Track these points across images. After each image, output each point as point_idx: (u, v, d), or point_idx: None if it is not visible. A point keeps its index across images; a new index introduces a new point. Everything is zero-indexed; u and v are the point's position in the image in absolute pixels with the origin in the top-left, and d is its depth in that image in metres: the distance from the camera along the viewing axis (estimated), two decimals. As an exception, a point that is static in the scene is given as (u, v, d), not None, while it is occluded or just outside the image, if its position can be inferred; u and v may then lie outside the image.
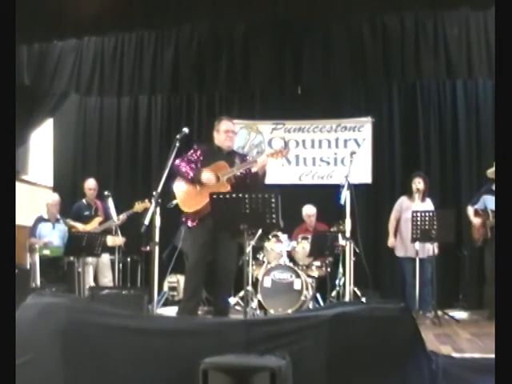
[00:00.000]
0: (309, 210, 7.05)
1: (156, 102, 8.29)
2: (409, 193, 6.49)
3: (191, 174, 4.63)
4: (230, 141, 4.83)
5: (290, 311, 5.84)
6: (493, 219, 5.84)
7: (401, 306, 2.90)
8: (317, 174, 7.92)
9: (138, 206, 6.43)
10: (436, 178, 7.36)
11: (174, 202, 5.03)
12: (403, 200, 6.56)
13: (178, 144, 4.48)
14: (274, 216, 3.96)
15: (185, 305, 4.69)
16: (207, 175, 4.58)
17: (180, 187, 4.72)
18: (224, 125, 4.82)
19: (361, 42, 6.89)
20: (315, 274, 6.57)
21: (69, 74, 7.37)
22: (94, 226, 6.72)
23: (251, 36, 7.12)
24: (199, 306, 5.18)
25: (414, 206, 6.28)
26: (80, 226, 6.69)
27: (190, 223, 4.65)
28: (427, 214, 5.71)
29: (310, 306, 6.12)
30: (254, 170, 4.63)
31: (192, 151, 4.79)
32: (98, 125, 8.40)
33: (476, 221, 6.14)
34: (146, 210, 6.07)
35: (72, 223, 6.79)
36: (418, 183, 6.40)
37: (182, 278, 6.27)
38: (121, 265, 6.74)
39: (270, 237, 6.57)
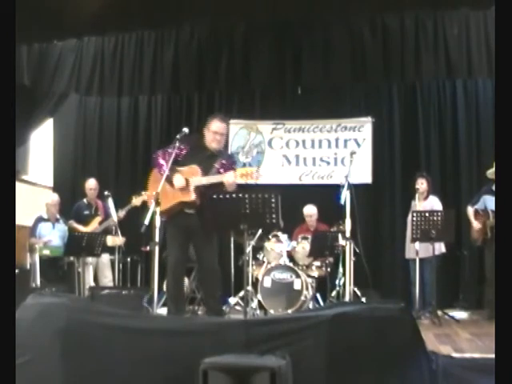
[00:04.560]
0: (310, 210, 7.04)
1: (156, 102, 8.29)
2: (413, 194, 6.50)
3: (165, 173, 4.53)
4: (216, 143, 4.70)
5: (289, 311, 5.84)
6: (493, 219, 5.85)
7: (401, 306, 2.90)
8: (317, 174, 7.92)
9: (136, 200, 6.40)
10: (436, 178, 7.35)
11: (147, 193, 5.03)
12: (412, 203, 6.56)
13: (177, 144, 4.48)
14: (273, 216, 3.95)
15: (169, 305, 4.73)
16: (178, 179, 4.49)
17: (154, 181, 4.70)
18: (214, 125, 4.69)
19: (361, 42, 6.89)
20: (315, 274, 6.57)
21: (69, 74, 7.38)
22: (94, 226, 6.73)
23: (251, 36, 7.13)
24: (184, 305, 5.19)
25: (418, 206, 6.28)
26: (82, 229, 6.67)
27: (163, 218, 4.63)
28: (427, 214, 5.71)
29: (310, 306, 6.11)
30: (226, 179, 4.43)
31: (177, 145, 4.63)
32: (98, 125, 8.39)
33: (476, 221, 6.14)
34: (144, 202, 6.07)
35: (74, 225, 6.78)
36: (421, 184, 6.42)
37: (182, 278, 6.26)
38: (121, 265, 6.75)
39: (270, 237, 6.56)
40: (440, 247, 6.31)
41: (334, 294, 6.40)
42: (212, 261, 4.71)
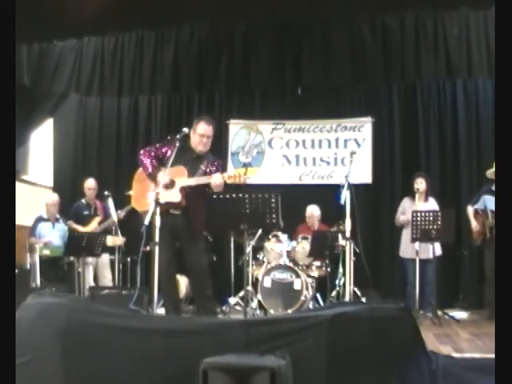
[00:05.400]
0: (314, 211, 7.04)
1: (156, 102, 8.28)
2: (411, 194, 6.50)
3: (150, 170, 4.59)
4: (202, 146, 4.70)
5: (289, 311, 5.84)
6: (492, 219, 5.85)
7: (401, 305, 2.90)
8: (317, 174, 7.92)
9: None
10: (436, 178, 7.36)
11: (131, 192, 5.05)
12: (406, 201, 6.57)
13: (178, 144, 4.48)
14: (273, 216, 3.96)
15: (166, 306, 4.76)
16: (163, 176, 4.44)
17: (138, 181, 4.72)
18: (201, 127, 4.67)
19: (361, 41, 6.89)
20: (315, 274, 6.57)
21: (69, 74, 7.38)
22: (93, 226, 6.73)
23: (251, 36, 7.13)
24: (180, 303, 5.21)
25: (417, 206, 6.28)
26: (81, 229, 6.66)
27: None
28: (427, 213, 5.71)
29: (310, 306, 6.11)
30: (213, 180, 4.43)
31: (161, 145, 4.70)
32: (98, 125, 8.39)
33: (476, 221, 6.14)
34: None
35: (74, 226, 6.78)
36: (420, 183, 6.41)
37: (181, 278, 6.27)
38: (121, 265, 6.74)
39: (270, 237, 6.56)
40: (437, 249, 6.28)
41: (334, 294, 6.40)
42: (199, 261, 4.72)
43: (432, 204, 6.45)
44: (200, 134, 4.67)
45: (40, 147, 8.55)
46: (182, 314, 5.28)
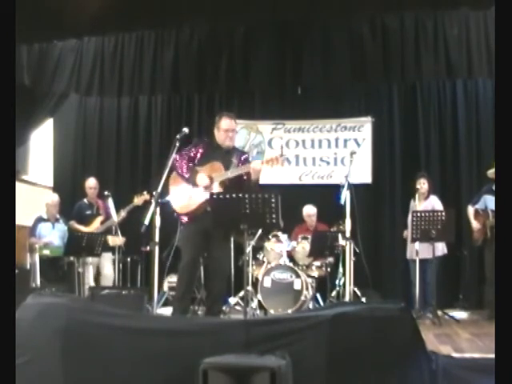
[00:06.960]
0: (309, 210, 7.05)
1: (156, 102, 8.28)
2: (412, 194, 6.51)
3: (187, 175, 4.62)
4: (229, 140, 4.74)
5: (289, 311, 5.84)
6: (493, 219, 5.84)
7: (401, 306, 2.90)
8: (317, 174, 7.92)
9: (138, 200, 6.43)
10: (436, 178, 7.36)
11: (168, 198, 5.04)
12: (411, 203, 6.56)
13: (178, 144, 4.48)
14: (274, 216, 3.96)
15: (175, 304, 4.74)
16: (201, 178, 4.54)
17: (175, 185, 4.73)
18: (224, 123, 4.72)
19: (361, 41, 6.90)
20: (315, 274, 6.57)
21: (69, 74, 7.40)
22: (96, 225, 6.72)
23: (251, 36, 7.14)
24: (190, 305, 5.20)
25: (417, 206, 6.28)
26: (84, 229, 6.65)
27: (184, 219, 4.68)
28: (427, 214, 5.71)
29: (310, 306, 6.12)
30: (253, 165, 4.50)
31: (191, 147, 4.74)
32: (98, 125, 8.38)
33: (476, 221, 6.14)
34: (145, 202, 6.10)
35: (76, 226, 6.77)
36: (423, 184, 6.42)
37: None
38: (121, 265, 6.74)
39: (270, 237, 6.56)
40: (443, 248, 6.31)
41: (333, 294, 6.41)
42: (225, 262, 4.72)
43: (433, 202, 6.44)
44: (225, 129, 4.70)
45: (40, 147, 8.55)
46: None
